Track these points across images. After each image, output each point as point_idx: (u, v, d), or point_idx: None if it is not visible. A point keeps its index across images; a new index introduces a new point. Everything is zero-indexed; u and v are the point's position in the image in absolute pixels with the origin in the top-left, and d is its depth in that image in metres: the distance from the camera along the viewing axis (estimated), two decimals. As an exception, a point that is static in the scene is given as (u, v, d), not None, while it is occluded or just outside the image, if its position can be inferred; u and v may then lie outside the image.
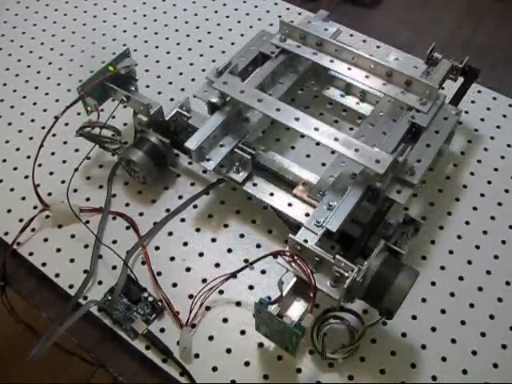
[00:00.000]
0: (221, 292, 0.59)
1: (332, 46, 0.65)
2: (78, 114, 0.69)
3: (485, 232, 0.64)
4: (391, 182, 0.57)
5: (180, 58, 0.80)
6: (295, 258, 0.52)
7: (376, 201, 0.57)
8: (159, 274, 0.61)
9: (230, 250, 0.63)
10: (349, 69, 0.64)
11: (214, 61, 0.79)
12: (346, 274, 0.50)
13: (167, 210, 0.65)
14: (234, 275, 0.57)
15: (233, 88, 0.62)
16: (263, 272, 0.61)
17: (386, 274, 0.51)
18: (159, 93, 0.76)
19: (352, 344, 0.54)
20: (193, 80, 0.78)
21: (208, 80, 0.65)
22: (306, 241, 0.54)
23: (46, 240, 0.64)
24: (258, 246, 0.63)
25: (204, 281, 0.60)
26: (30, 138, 0.72)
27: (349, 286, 0.49)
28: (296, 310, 0.52)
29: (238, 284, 0.60)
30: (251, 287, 0.60)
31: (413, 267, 0.52)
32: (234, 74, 0.64)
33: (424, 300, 0.59)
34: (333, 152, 0.68)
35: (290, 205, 0.60)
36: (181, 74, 0.78)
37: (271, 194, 0.61)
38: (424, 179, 0.67)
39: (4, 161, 0.70)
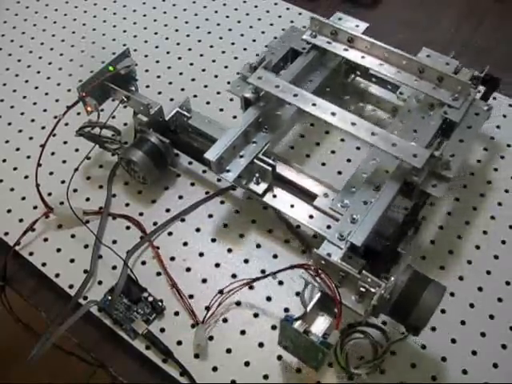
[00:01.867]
0: (220, 292, 0.59)
1: (363, 42, 0.65)
2: (78, 113, 0.69)
3: (485, 232, 0.64)
4: (427, 176, 0.57)
5: (180, 58, 0.80)
6: (319, 272, 0.51)
7: (411, 195, 0.57)
8: (159, 274, 0.61)
9: (230, 251, 0.63)
10: (380, 64, 0.65)
11: (214, 61, 0.79)
12: (373, 290, 0.49)
13: (167, 210, 0.65)
14: (250, 284, 0.57)
15: (268, 83, 0.62)
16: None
17: (414, 290, 0.50)
18: (159, 93, 0.76)
19: (376, 359, 0.53)
20: (193, 80, 0.78)
21: (241, 75, 0.65)
22: (329, 254, 0.53)
23: (46, 240, 0.64)
24: (258, 245, 0.63)
25: (204, 281, 0.60)
26: (30, 138, 0.72)
27: (376, 302, 0.49)
28: (320, 325, 0.51)
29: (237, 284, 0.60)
30: (251, 287, 0.60)
31: (439, 282, 0.51)
32: (267, 69, 0.64)
33: (424, 300, 0.59)
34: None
35: (311, 217, 0.59)
36: (181, 74, 0.78)
37: (292, 206, 0.60)
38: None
39: (4, 161, 0.70)
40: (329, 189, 0.61)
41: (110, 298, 0.59)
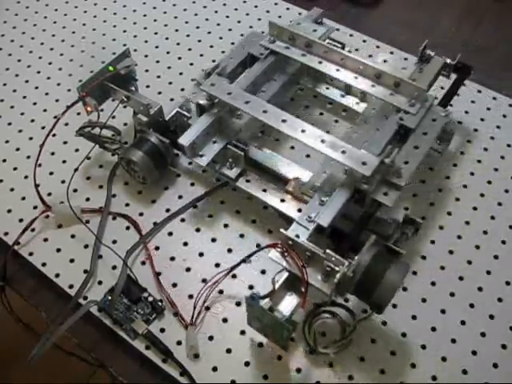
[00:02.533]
0: (221, 292, 0.59)
1: (321, 47, 0.65)
2: (78, 113, 0.69)
3: (485, 232, 0.64)
4: (378, 184, 0.56)
5: (180, 58, 0.80)
6: (288, 251, 0.52)
7: (363, 203, 0.57)
8: (159, 274, 0.61)
9: (230, 251, 0.63)
10: (337, 70, 0.64)
11: (213, 61, 0.79)
12: (337, 269, 0.50)
13: (167, 210, 0.65)
14: (231, 270, 0.57)
15: (220, 90, 0.62)
16: (263, 272, 0.61)
17: (376, 269, 0.51)
18: (159, 93, 0.76)
19: (344, 338, 0.54)
20: (193, 80, 0.77)
21: (196, 82, 0.65)
22: (297, 236, 0.54)
23: (45, 240, 0.64)
24: (258, 245, 0.63)
25: (204, 281, 0.60)
26: (30, 138, 0.72)
27: (339, 281, 0.50)
28: (288, 304, 0.53)
29: (238, 284, 0.60)
30: (251, 287, 0.60)
31: (403, 261, 0.52)
32: (222, 75, 0.64)
33: (424, 300, 0.59)
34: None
35: (282, 200, 0.61)
36: (181, 74, 0.78)
37: (264, 190, 0.62)
38: (424, 179, 0.67)
39: (4, 161, 0.70)
40: (301, 173, 0.62)
41: (109, 298, 0.59)
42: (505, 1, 0.87)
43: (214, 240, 0.64)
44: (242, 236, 0.64)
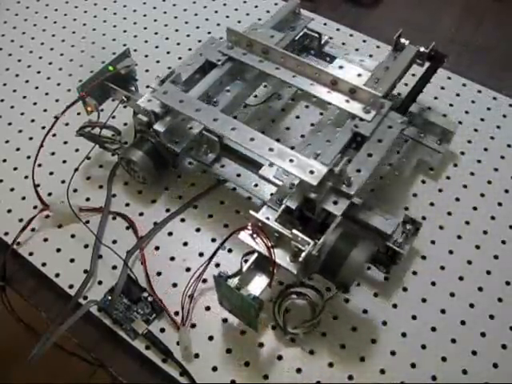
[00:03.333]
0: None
1: (277, 53, 0.65)
2: (78, 113, 0.69)
3: (485, 232, 0.64)
4: (328, 192, 0.55)
5: (180, 58, 0.80)
6: (257, 232, 0.53)
7: (313, 212, 0.56)
8: (159, 274, 0.61)
9: (230, 251, 0.63)
10: (294, 76, 0.64)
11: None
12: (303, 249, 0.51)
13: (167, 210, 0.65)
14: (210, 259, 0.57)
15: (172, 98, 0.62)
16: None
17: (341, 248, 0.52)
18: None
19: (313, 319, 0.55)
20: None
21: (152, 89, 0.64)
22: (268, 218, 0.54)
23: (45, 240, 0.64)
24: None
25: (204, 281, 0.60)
26: (30, 138, 0.72)
27: (305, 260, 0.50)
28: (258, 284, 0.53)
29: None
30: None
31: (369, 241, 0.53)
32: (176, 82, 0.64)
33: (424, 300, 0.59)
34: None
35: (256, 185, 0.62)
36: (181, 74, 0.78)
37: (238, 175, 0.63)
38: (424, 179, 0.67)
39: (4, 161, 0.70)
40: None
41: (109, 297, 0.59)
42: (505, 0, 0.87)
43: (213, 240, 0.64)
44: (241, 236, 0.64)
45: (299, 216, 0.56)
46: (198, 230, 0.64)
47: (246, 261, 0.54)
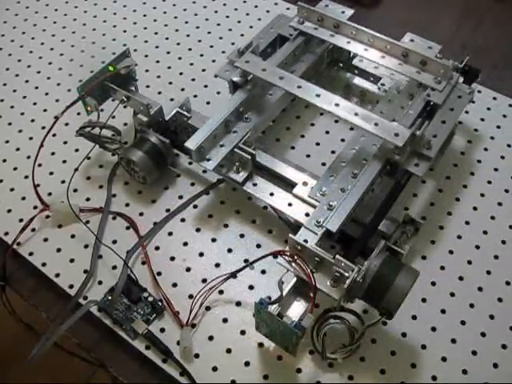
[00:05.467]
0: (221, 292, 0.59)
1: (349, 27, 0.67)
2: (78, 113, 0.69)
3: (485, 232, 0.64)
4: (409, 155, 0.58)
5: (180, 58, 0.80)
6: (295, 257, 0.52)
7: (394, 174, 0.59)
8: (159, 273, 0.61)
9: (230, 250, 0.63)
10: (365, 50, 0.66)
11: (213, 61, 0.79)
12: (346, 274, 0.50)
13: (167, 210, 0.65)
14: (233, 275, 0.58)
15: (255, 66, 0.63)
16: (263, 272, 0.61)
17: (386, 274, 0.51)
18: (159, 93, 0.76)
19: (352, 344, 0.54)
20: (193, 80, 0.78)
21: (229, 60, 0.66)
22: (306, 241, 0.53)
23: (45, 240, 0.64)
24: (258, 246, 0.63)
25: (204, 281, 0.60)
26: (30, 138, 0.72)
27: (349, 286, 0.49)
28: (296, 310, 0.52)
29: (238, 284, 0.60)
30: (251, 287, 0.60)
31: (413, 267, 0.52)
32: (255, 53, 0.66)
33: (424, 300, 0.59)
34: (333, 152, 0.69)
35: (290, 204, 0.60)
36: (181, 74, 0.78)
37: (271, 194, 0.61)
38: (424, 179, 0.67)
39: (4, 161, 0.70)
40: (308, 177, 0.62)
41: (109, 297, 0.59)
42: (505, 1, 0.87)
43: (214, 240, 0.64)
44: (242, 236, 0.64)
45: (339, 238, 0.56)
46: (198, 230, 0.64)
47: (282, 283, 0.52)
